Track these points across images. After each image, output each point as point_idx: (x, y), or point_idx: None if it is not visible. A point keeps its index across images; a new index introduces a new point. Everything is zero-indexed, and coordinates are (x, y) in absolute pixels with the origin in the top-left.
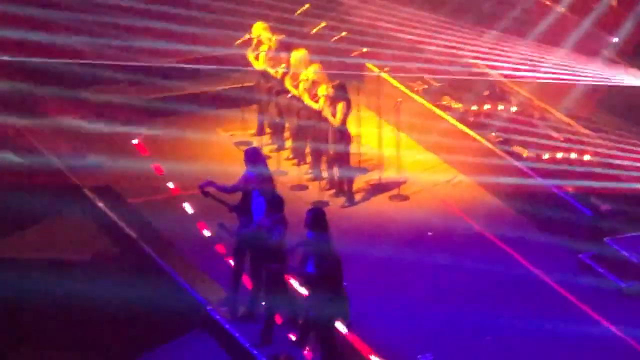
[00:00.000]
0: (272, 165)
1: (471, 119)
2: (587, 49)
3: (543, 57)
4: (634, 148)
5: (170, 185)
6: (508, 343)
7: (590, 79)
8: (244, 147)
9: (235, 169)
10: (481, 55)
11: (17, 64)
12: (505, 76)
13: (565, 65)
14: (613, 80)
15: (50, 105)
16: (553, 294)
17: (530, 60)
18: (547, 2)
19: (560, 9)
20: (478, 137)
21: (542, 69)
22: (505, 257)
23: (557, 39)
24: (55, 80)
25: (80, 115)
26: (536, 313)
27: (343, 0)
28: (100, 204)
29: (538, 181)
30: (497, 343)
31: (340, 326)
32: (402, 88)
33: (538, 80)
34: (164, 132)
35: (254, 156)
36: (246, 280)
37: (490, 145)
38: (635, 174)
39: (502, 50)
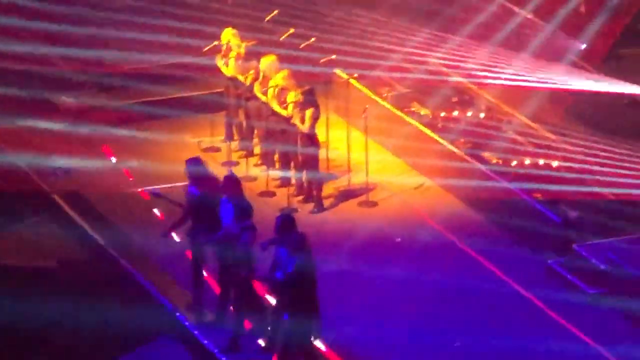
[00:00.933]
0: (240, 172)
1: (439, 125)
2: (555, 55)
3: (511, 64)
4: (602, 154)
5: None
6: (476, 350)
7: (558, 85)
8: (213, 153)
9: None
10: (449, 62)
11: None
12: (475, 83)
13: (533, 72)
14: (580, 87)
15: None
16: (521, 301)
17: (499, 66)
18: (515, 9)
19: (530, 16)
20: (446, 144)
21: (511, 75)
22: (474, 264)
23: (526, 46)
24: (25, 83)
25: (49, 118)
26: (504, 321)
27: (312, 8)
28: (69, 210)
29: (507, 188)
30: (465, 349)
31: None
32: (371, 94)
33: (506, 84)
34: (133, 138)
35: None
36: (214, 286)
37: (458, 152)
38: (602, 179)
39: (470, 57)
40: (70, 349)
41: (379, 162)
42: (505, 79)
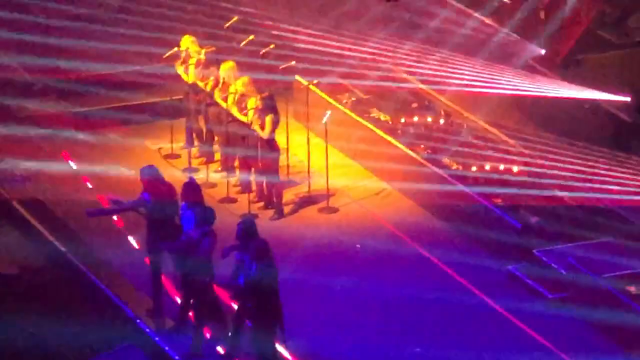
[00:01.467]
0: (200, 178)
1: (399, 130)
2: (515, 61)
3: (472, 69)
4: (563, 159)
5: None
6: (435, 356)
7: (518, 90)
8: (173, 160)
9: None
10: (409, 69)
11: None
12: (435, 90)
13: (493, 77)
14: (540, 92)
15: None
16: (481, 306)
17: (459, 72)
18: (476, 15)
19: (490, 22)
20: (406, 149)
21: (471, 81)
22: (433, 270)
23: (486, 52)
24: None
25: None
26: (463, 326)
27: (271, 15)
28: (28, 217)
29: (467, 193)
30: (424, 356)
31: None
32: (331, 100)
33: (467, 90)
34: (92, 143)
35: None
36: (174, 293)
37: (418, 157)
38: (563, 184)
39: (429, 63)
40: (30, 356)
41: (340, 168)
42: (466, 85)
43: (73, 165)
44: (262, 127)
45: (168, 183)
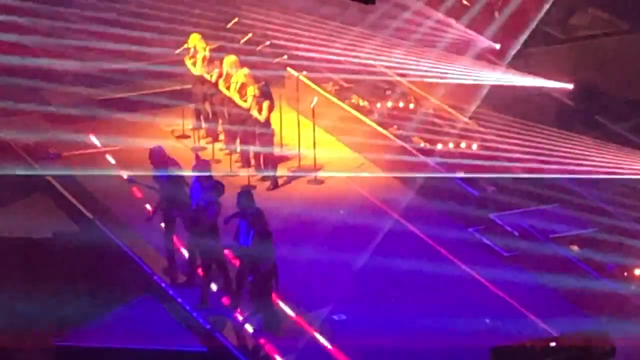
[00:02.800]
0: (208, 156)
1: (376, 114)
2: (476, 54)
3: (437, 61)
4: (514, 136)
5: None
6: (408, 297)
7: (477, 79)
8: (184, 140)
9: (177, 154)
10: (384, 62)
11: None
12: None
13: (456, 68)
14: (495, 80)
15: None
16: (447, 261)
17: (422, 63)
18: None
19: (453, 21)
20: (381, 130)
21: (437, 72)
22: (404, 231)
23: (449, 46)
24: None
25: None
26: (433, 276)
27: (267, 16)
28: (61, 190)
29: (433, 166)
30: (402, 298)
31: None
32: (317, 88)
33: (433, 80)
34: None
35: (157, 156)
36: (185, 253)
37: (391, 137)
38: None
39: (400, 55)
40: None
41: (325, 144)
42: (432, 76)
43: (97, 141)
44: (260, 112)
45: (173, 159)
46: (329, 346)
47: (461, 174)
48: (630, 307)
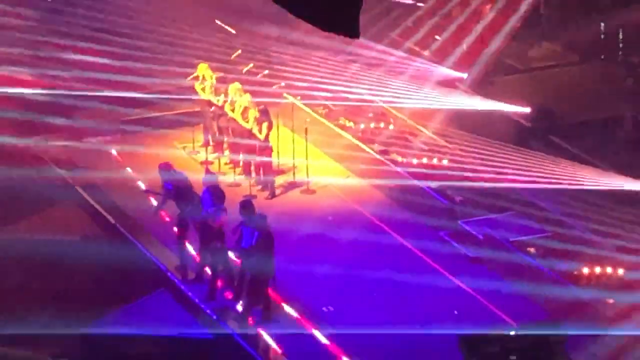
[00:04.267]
0: (215, 168)
1: (360, 134)
2: (447, 82)
3: (413, 89)
4: (480, 152)
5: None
6: (387, 291)
7: (447, 104)
8: (194, 155)
9: (188, 166)
10: (368, 89)
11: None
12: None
13: (429, 95)
14: (463, 104)
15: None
16: (421, 261)
17: (405, 92)
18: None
19: (425, 53)
20: (364, 146)
21: (412, 98)
22: (385, 234)
23: (425, 77)
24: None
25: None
26: (409, 273)
27: (266, 48)
28: (87, 196)
29: (409, 179)
30: (381, 292)
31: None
32: (310, 111)
33: (412, 106)
34: (138, 144)
35: (166, 167)
36: (195, 254)
37: (372, 152)
38: (480, 169)
39: (384, 84)
40: (90, 295)
41: (316, 162)
42: (409, 101)
43: (114, 151)
44: (260, 131)
45: (181, 172)
46: (320, 336)
47: (433, 185)
48: (577, 300)
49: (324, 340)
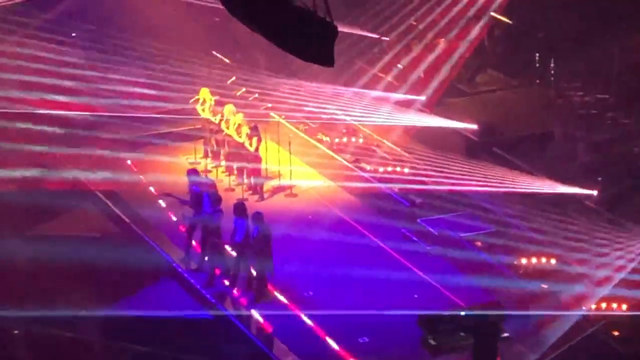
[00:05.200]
0: (213, 176)
1: (335, 147)
2: (406, 104)
3: (378, 109)
4: (435, 163)
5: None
6: (358, 277)
7: (409, 122)
8: (195, 166)
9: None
10: (341, 109)
11: None
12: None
13: (393, 114)
14: (423, 123)
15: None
16: (386, 254)
17: (371, 111)
18: (387, 79)
19: (389, 79)
20: (339, 158)
21: (378, 116)
22: (355, 231)
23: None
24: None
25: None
26: (376, 263)
27: (257, 77)
28: (104, 199)
29: (377, 185)
30: (353, 279)
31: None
32: (292, 128)
33: (377, 123)
34: (147, 156)
35: (194, 174)
36: (197, 247)
37: (346, 162)
38: (436, 176)
39: (354, 105)
40: (108, 283)
41: (298, 170)
42: (377, 119)
43: (132, 165)
44: (251, 145)
45: (207, 177)
46: (303, 316)
47: (396, 189)
48: (517, 284)
49: (307, 320)
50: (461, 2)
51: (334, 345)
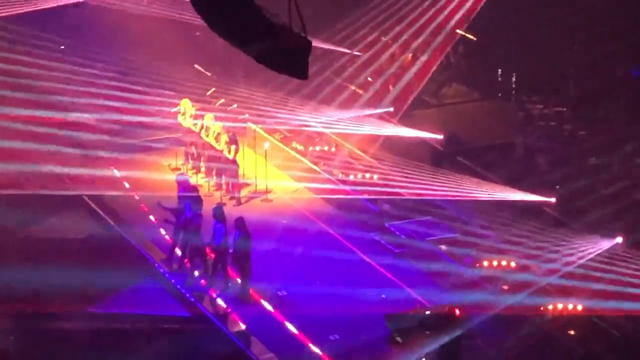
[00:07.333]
0: (193, 182)
1: (308, 155)
2: (377, 115)
3: (350, 120)
4: (402, 170)
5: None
6: (328, 279)
7: (377, 132)
8: (177, 171)
9: (169, 178)
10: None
11: None
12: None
13: (362, 124)
14: (390, 132)
15: None
16: (356, 255)
17: (342, 121)
18: (358, 91)
19: (361, 92)
20: (312, 165)
21: (349, 127)
22: (327, 234)
23: (358, 109)
24: None
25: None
26: (346, 265)
27: (235, 88)
28: (92, 205)
29: (347, 191)
30: (324, 280)
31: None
32: (269, 137)
33: (347, 131)
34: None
35: (184, 182)
36: (178, 248)
37: (319, 170)
38: (404, 184)
39: (328, 117)
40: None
41: (274, 177)
42: (346, 129)
43: (117, 172)
44: (229, 152)
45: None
46: (273, 312)
47: (365, 196)
48: (479, 286)
49: (277, 316)
50: (427, 17)
51: (308, 343)
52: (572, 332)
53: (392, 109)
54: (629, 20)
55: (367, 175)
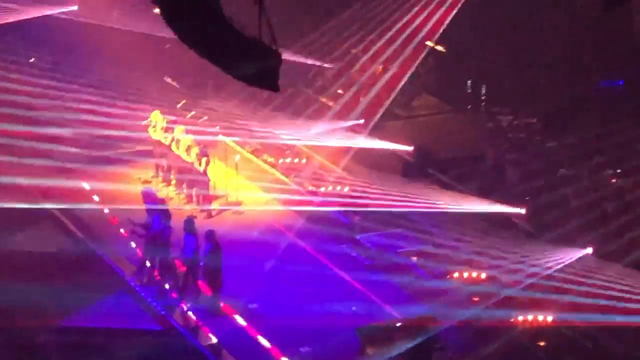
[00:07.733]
0: (164, 195)
1: (279, 167)
2: (347, 127)
3: (321, 132)
4: (373, 182)
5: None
6: (299, 291)
7: (348, 143)
8: (146, 184)
9: (139, 190)
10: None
11: None
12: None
13: (333, 136)
14: (360, 144)
15: None
16: (326, 267)
17: (315, 134)
18: (328, 103)
19: (331, 104)
20: (283, 177)
21: (320, 139)
22: (298, 246)
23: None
24: None
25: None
26: (317, 277)
27: (205, 100)
28: (63, 219)
29: (318, 203)
30: (294, 292)
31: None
32: (240, 149)
33: (317, 144)
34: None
35: (150, 194)
36: (148, 261)
37: (290, 182)
38: (374, 196)
39: (300, 129)
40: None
41: (245, 188)
42: (316, 141)
43: (86, 185)
44: (200, 165)
45: (162, 199)
46: (245, 325)
47: (336, 208)
48: (449, 297)
49: (249, 329)
50: (396, 29)
51: (280, 357)
52: (542, 344)
53: (362, 121)
54: (599, 32)
55: (338, 187)
